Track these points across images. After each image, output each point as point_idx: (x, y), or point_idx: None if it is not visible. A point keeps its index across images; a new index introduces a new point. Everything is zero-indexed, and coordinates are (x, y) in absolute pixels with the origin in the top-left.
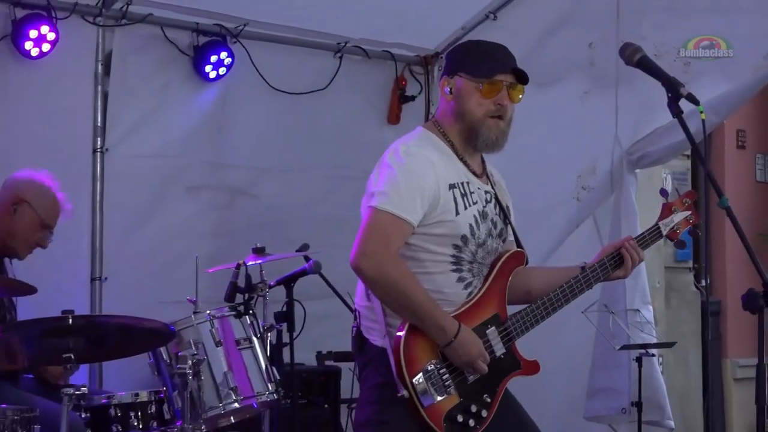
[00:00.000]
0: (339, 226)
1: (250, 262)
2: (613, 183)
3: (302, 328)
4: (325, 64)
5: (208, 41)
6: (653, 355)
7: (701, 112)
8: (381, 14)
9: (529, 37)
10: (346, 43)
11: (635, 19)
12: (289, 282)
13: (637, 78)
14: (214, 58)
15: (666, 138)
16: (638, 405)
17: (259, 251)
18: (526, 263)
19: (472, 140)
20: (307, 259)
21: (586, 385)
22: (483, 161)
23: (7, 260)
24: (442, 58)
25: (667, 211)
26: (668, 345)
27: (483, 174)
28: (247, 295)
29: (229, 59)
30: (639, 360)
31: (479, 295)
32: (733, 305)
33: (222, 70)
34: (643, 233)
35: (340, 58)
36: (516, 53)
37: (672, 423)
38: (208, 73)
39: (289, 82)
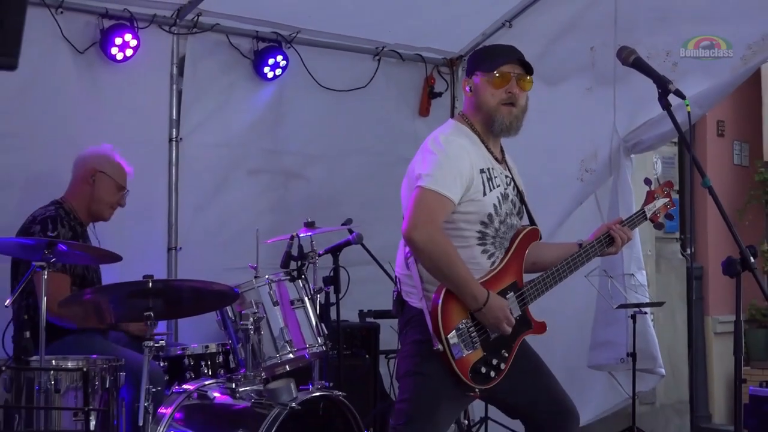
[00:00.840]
0: (378, 204)
1: (302, 234)
2: (612, 166)
3: (346, 290)
4: (366, 66)
5: (266, 46)
6: (645, 313)
7: (687, 106)
8: (413, 23)
9: (539, 42)
10: (383, 47)
11: (630, 26)
12: (335, 251)
13: (632, 76)
14: (271, 61)
15: (657, 128)
16: (633, 355)
17: (309, 225)
18: (540, 239)
19: (489, 126)
20: (350, 231)
21: (589, 339)
22: (502, 150)
23: (90, 229)
24: (465, 60)
25: (650, 197)
26: (658, 304)
27: (503, 161)
28: (299, 262)
29: (284, 62)
30: (634, 317)
31: (501, 265)
32: (714, 270)
33: (278, 71)
34: (631, 216)
35: (378, 60)
36: (528, 56)
37: (663, 370)
38: (266, 73)
39: (334, 81)
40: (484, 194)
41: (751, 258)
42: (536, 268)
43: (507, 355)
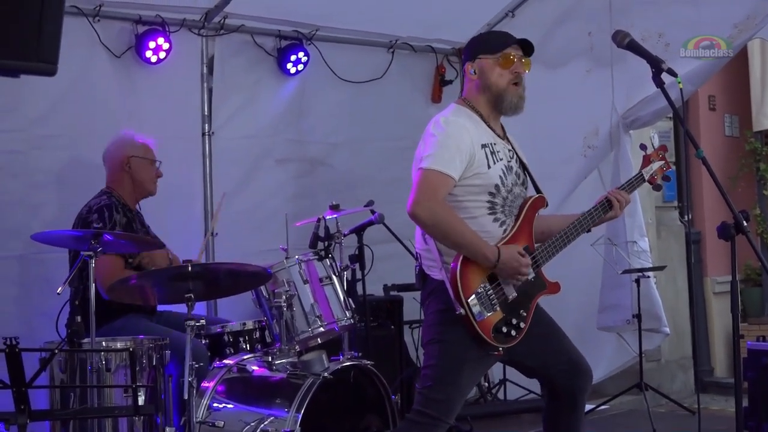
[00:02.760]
0: (397, 186)
1: (328, 216)
2: (612, 142)
3: (371, 266)
4: (381, 58)
5: (289, 44)
6: (648, 277)
7: (679, 83)
8: (423, 16)
9: (540, 30)
10: (396, 40)
11: (624, 11)
12: (359, 231)
13: (628, 58)
14: (293, 58)
15: (652, 104)
16: (638, 317)
17: (334, 207)
18: (546, 205)
19: (497, 106)
20: (372, 212)
21: (597, 302)
22: (503, 128)
23: (138, 209)
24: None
25: (646, 161)
26: (660, 268)
27: (504, 137)
28: (326, 243)
29: (306, 57)
30: (638, 281)
31: (513, 231)
32: (711, 235)
33: (300, 67)
34: (630, 179)
35: (392, 52)
36: (531, 42)
37: (667, 329)
38: (289, 69)
39: (352, 73)
40: (489, 167)
41: (744, 222)
42: (544, 237)
43: (525, 314)
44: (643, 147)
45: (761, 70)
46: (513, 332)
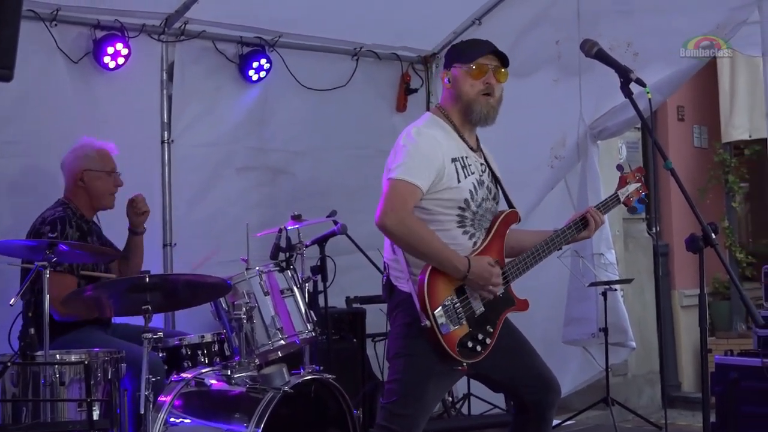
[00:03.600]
0: (360, 195)
1: (290, 227)
2: (580, 152)
3: (333, 278)
4: (345, 66)
5: (251, 50)
6: (615, 290)
7: (648, 93)
8: (388, 24)
9: (508, 38)
10: (361, 48)
11: (593, 20)
12: (321, 242)
13: (596, 67)
14: (255, 64)
15: (621, 114)
16: (605, 330)
17: (296, 218)
18: (519, 221)
19: (468, 116)
20: (335, 222)
21: (563, 315)
22: (477, 140)
23: (95, 220)
24: (439, 57)
25: (623, 182)
26: (627, 281)
27: (478, 149)
28: (288, 254)
29: (268, 64)
30: (605, 294)
31: (483, 245)
32: (679, 247)
33: (262, 74)
34: (605, 200)
35: (357, 60)
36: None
37: (633, 344)
38: (251, 76)
39: (316, 81)
40: (459, 181)
41: (713, 234)
42: (515, 253)
43: (492, 330)
44: (619, 168)
45: (730, 80)
46: (478, 348)
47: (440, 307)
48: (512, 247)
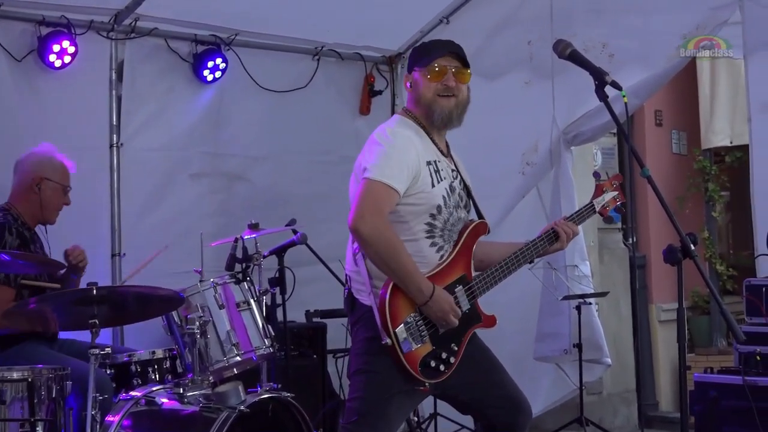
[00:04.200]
0: (321, 203)
1: (247, 236)
2: (553, 159)
3: (292, 290)
4: (305, 66)
5: (205, 49)
6: (590, 304)
7: (624, 97)
8: (351, 22)
9: (477, 38)
10: (322, 47)
11: (567, 19)
12: (280, 252)
13: (569, 69)
14: (210, 64)
15: (595, 119)
16: (578, 346)
17: (253, 227)
18: (489, 232)
19: (430, 119)
20: (294, 231)
21: (535, 330)
22: (447, 144)
23: (38, 230)
24: (405, 57)
25: (599, 191)
26: (602, 294)
27: (449, 155)
28: (244, 265)
29: (224, 64)
30: (579, 308)
31: (450, 258)
32: (656, 259)
33: (218, 74)
34: (579, 209)
35: (318, 60)
36: (467, 52)
37: (609, 360)
38: (206, 76)
39: (274, 82)
40: (432, 186)
41: (692, 245)
42: (483, 266)
43: (456, 348)
44: (596, 175)
45: (710, 83)
46: (442, 367)
47: (402, 324)
48: (480, 260)
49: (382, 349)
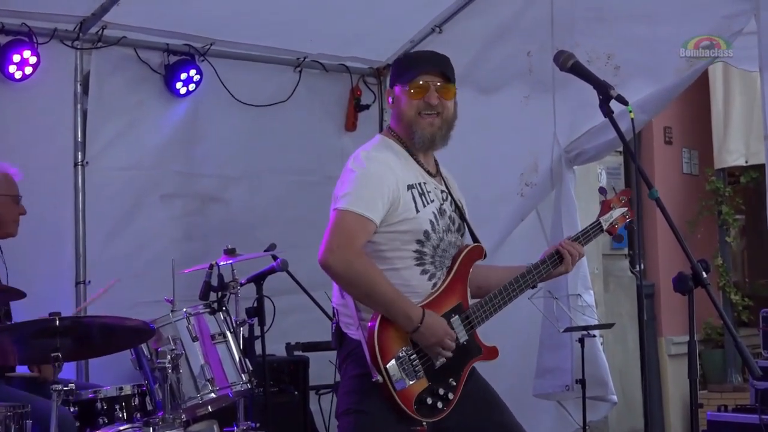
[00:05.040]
0: (303, 227)
1: (222, 263)
2: (554, 179)
3: (272, 321)
4: (286, 78)
5: (178, 60)
6: (594, 336)
7: (630, 112)
8: (336, 31)
9: (472, 48)
10: (304, 58)
11: (568, 28)
12: (258, 279)
13: (572, 82)
14: (183, 76)
15: (600, 136)
16: (582, 382)
17: (230, 252)
18: (485, 257)
19: (410, 139)
20: (274, 257)
21: (534, 365)
22: (436, 163)
23: None
24: None
25: (606, 207)
26: (608, 326)
27: (437, 174)
28: (220, 293)
29: (198, 76)
30: (582, 341)
31: (443, 286)
32: (666, 288)
33: (191, 87)
34: (585, 229)
35: (300, 72)
36: (461, 63)
37: (615, 398)
38: (179, 89)
39: (253, 95)
40: (417, 210)
41: (704, 273)
42: (481, 293)
43: (455, 383)
44: (602, 191)
45: (724, 98)
46: (440, 404)
47: (393, 360)
48: (479, 287)
49: (373, 387)
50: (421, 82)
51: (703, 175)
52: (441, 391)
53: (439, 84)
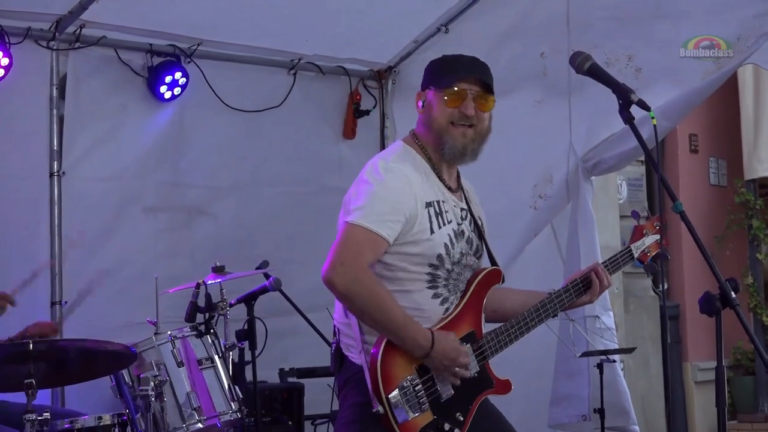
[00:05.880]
0: (298, 243)
1: (210, 281)
2: (570, 191)
3: (264, 345)
4: (280, 81)
5: (162, 62)
6: (614, 361)
7: (652, 118)
8: (333, 30)
9: (480, 49)
10: (299, 59)
11: (585, 27)
12: (249, 300)
13: (589, 86)
14: (168, 79)
15: (620, 145)
16: (601, 412)
17: (218, 270)
18: (503, 281)
19: (439, 149)
20: (267, 276)
21: (549, 393)
22: (458, 176)
23: None
24: (395, 71)
25: (638, 233)
26: (628, 351)
27: (458, 189)
28: (207, 315)
29: (184, 79)
30: (600, 366)
31: (456, 312)
32: (692, 308)
33: (177, 90)
34: (614, 256)
35: (294, 74)
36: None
37: (637, 428)
38: (163, 93)
39: (243, 100)
40: (432, 232)
41: (733, 293)
42: (497, 317)
43: (462, 419)
44: (635, 215)
45: (754, 103)
46: None
47: (397, 390)
48: (494, 311)
49: (374, 417)
50: (457, 90)
51: (731, 186)
52: (447, 427)
53: (477, 93)
